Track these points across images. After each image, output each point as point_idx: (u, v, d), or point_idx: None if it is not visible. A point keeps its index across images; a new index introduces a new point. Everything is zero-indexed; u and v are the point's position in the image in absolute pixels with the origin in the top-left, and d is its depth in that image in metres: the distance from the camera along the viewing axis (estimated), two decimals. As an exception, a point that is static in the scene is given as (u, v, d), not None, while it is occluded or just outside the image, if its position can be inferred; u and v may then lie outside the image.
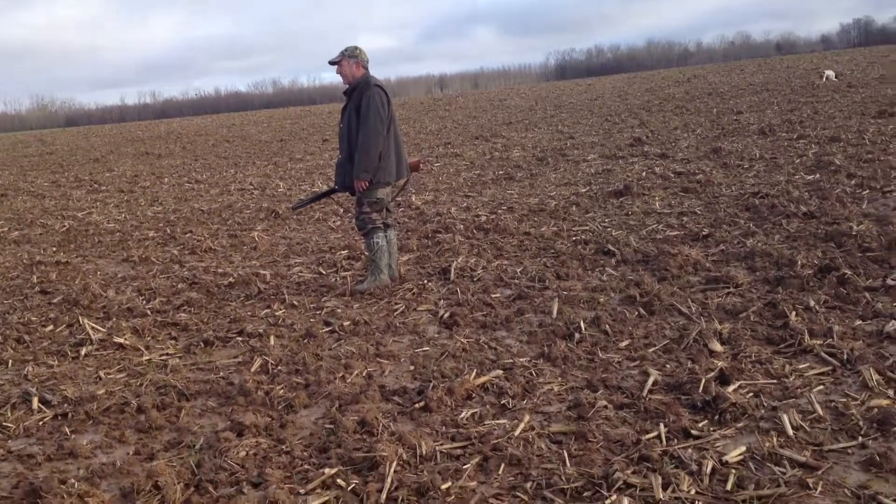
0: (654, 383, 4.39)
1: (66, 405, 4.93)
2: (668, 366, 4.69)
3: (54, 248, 10.45)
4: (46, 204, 15.52)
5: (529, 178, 13.29)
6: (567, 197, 10.81)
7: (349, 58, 6.84)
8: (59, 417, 4.79)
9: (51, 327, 6.66)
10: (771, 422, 3.84)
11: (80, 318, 6.65)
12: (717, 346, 4.83)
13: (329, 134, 29.50)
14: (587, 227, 8.70)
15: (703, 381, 4.23)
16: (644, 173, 12.07)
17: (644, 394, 4.27)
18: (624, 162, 13.94)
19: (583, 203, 10.23)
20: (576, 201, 10.35)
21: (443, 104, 45.84)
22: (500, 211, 10.28)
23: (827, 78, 29.11)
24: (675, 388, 4.31)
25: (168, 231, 11.02)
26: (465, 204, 11.16)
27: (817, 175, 10.23)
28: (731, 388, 4.15)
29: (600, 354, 4.97)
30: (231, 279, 7.85)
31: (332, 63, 6.88)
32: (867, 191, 8.91)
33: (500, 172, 14.20)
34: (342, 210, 11.37)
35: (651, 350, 4.97)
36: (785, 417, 3.79)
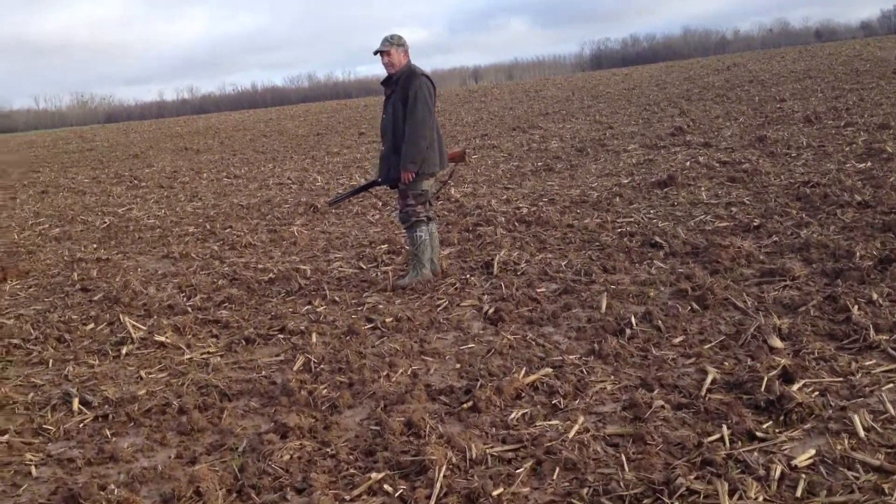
0: (713, 382, 4.19)
1: (106, 406, 4.86)
2: (726, 363, 4.49)
3: (95, 245, 10.47)
4: (87, 200, 15.63)
5: (569, 168, 13.08)
6: (609, 188, 10.58)
7: (398, 46, 6.70)
8: (100, 419, 4.73)
9: (91, 325, 6.63)
10: (840, 423, 3.64)
11: (120, 316, 6.62)
12: (778, 343, 4.62)
13: (365, 127, 29.45)
14: (632, 219, 8.49)
15: (766, 379, 4.03)
16: (688, 163, 11.79)
17: (703, 393, 4.08)
18: (666, 152, 13.65)
19: (626, 194, 10.00)
20: (619, 192, 10.12)
21: (478, 95, 45.57)
22: (541, 203, 10.09)
23: None
24: (736, 387, 4.11)
25: (208, 227, 11.00)
26: (504, 196, 10.99)
27: (869, 163, 9.89)
28: (795, 387, 3.94)
29: (654, 351, 4.79)
30: (271, 275, 7.77)
31: (378, 52, 6.71)
32: (924, 179, 8.58)
33: (539, 164, 13.99)
34: (381, 203, 11.27)
35: (707, 346, 4.78)
36: (856, 418, 3.58)
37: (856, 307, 4.98)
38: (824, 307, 5.16)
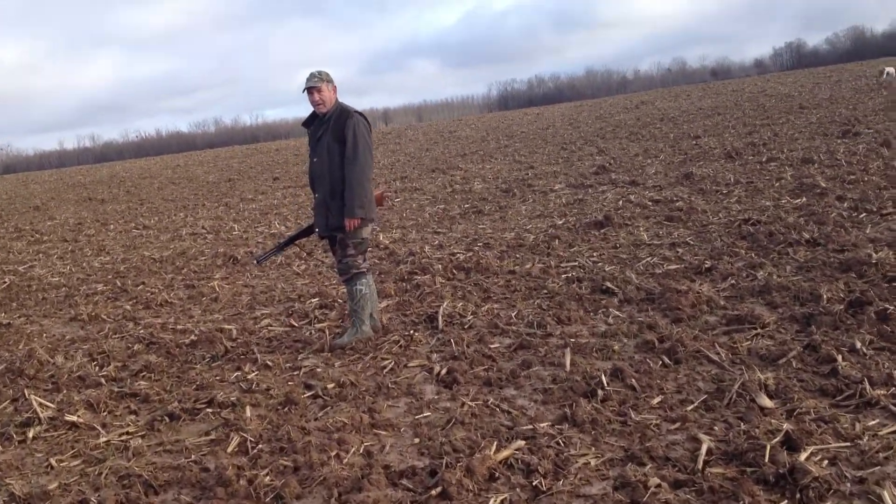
0: (709, 452, 3.77)
1: (12, 505, 4.15)
2: (716, 428, 4.09)
3: (-8, 308, 9.52)
4: (-17, 257, 14.47)
5: (499, 210, 12.76)
6: (545, 230, 10.26)
7: (327, 83, 6.18)
8: (3, 523, 4.01)
9: (-9, 404, 5.82)
10: (865, 499, 3.26)
11: (25, 392, 5.83)
12: (767, 401, 4.25)
13: (279, 171, 28.73)
14: (576, 263, 8.14)
15: (769, 448, 3.64)
16: (620, 202, 11.61)
17: (700, 467, 3.66)
18: (594, 191, 13.50)
19: (563, 236, 9.68)
20: (555, 234, 9.80)
21: (392, 137, 45.33)
22: (476, 247, 9.68)
23: (888, 74, 31.26)
24: (736, 458, 3.70)
25: (118, 283, 10.17)
26: (436, 241, 10.55)
27: (804, 199, 9.86)
28: (803, 457, 3.55)
29: (633, 415, 4.35)
30: (193, 337, 7.08)
31: (308, 89, 6.17)
32: (864, 214, 8.54)
33: (467, 206, 13.64)
34: (305, 253, 10.66)
35: (690, 408, 4.37)
36: (885, 494, 3.20)
37: (840, 357, 4.67)
38: (805, 358, 4.84)
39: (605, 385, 4.76)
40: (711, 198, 11.02)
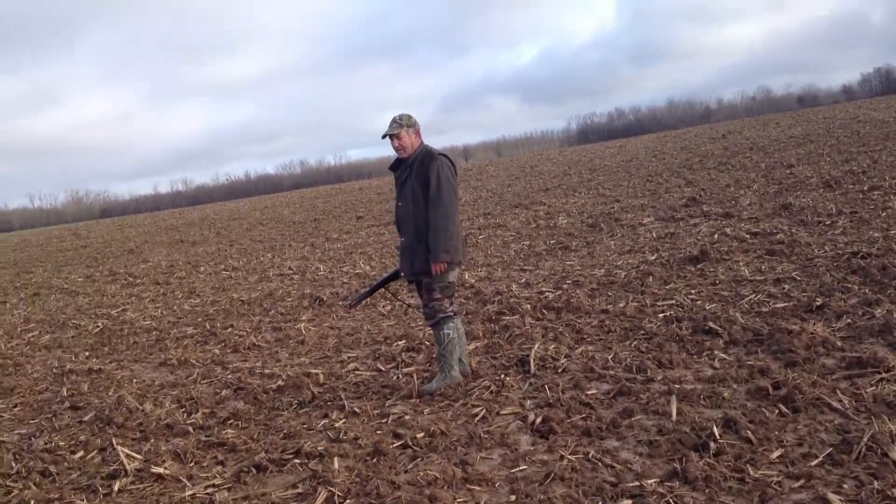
0: (842, 515, 3.39)
1: (95, 563, 4.03)
2: (845, 486, 3.69)
3: (87, 353, 9.66)
4: (80, 302, 14.85)
5: (586, 245, 12.41)
6: (636, 266, 9.87)
7: (407, 127, 6.05)
8: (88, 581, 3.89)
9: (80, 454, 5.78)
10: None
11: (113, 441, 5.79)
12: (902, 456, 3.82)
13: (362, 211, 28.95)
14: (673, 301, 7.74)
15: (912, 511, 3.23)
16: (715, 235, 11.12)
17: (834, 532, 3.28)
18: (685, 223, 13.02)
19: (657, 272, 9.28)
20: (648, 271, 9.40)
21: (473, 174, 45.30)
22: (565, 286, 9.36)
23: None
24: (873, 522, 3.31)
25: (207, 327, 10.21)
26: (523, 279, 10.27)
27: (916, 228, 9.24)
28: (955, 522, 3.14)
29: (751, 471, 3.97)
30: (280, 382, 6.97)
31: (387, 136, 6.09)
32: None
33: (552, 241, 13.34)
34: (390, 294, 10.50)
35: (814, 463, 3.97)
36: None
37: (983, 405, 4.21)
38: (941, 406, 4.39)
39: (718, 437, 4.38)
40: (814, 229, 10.44)
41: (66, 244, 37.32)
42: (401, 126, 6.03)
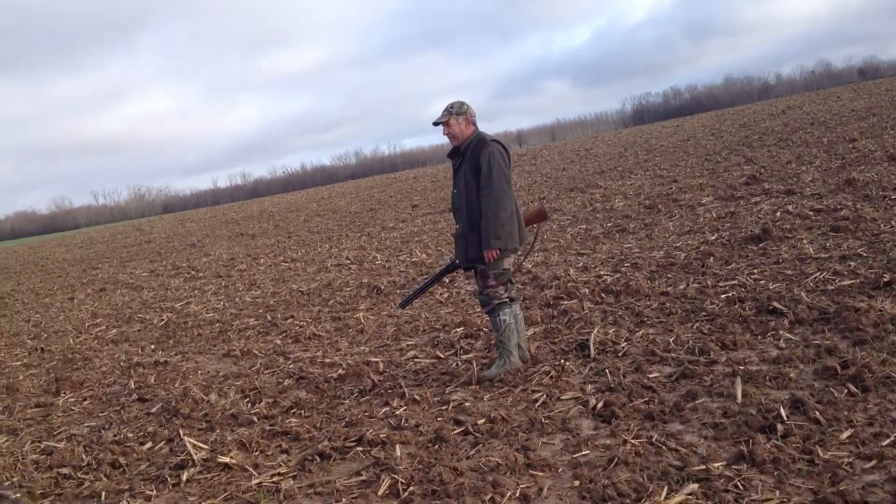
0: (917, 496, 3.29)
1: (167, 551, 4.13)
2: (920, 466, 3.58)
3: (153, 346, 9.90)
4: (145, 296, 15.22)
5: (644, 228, 12.24)
6: (696, 247, 9.71)
7: (457, 115, 6.05)
8: (160, 568, 3.99)
9: (149, 444, 5.93)
10: None
11: (180, 432, 5.93)
12: (980, 435, 3.70)
13: (417, 199, 29.02)
14: (735, 282, 7.59)
15: None
16: (777, 213, 10.86)
17: (909, 514, 3.18)
18: (745, 202, 12.74)
19: (718, 253, 9.11)
20: (709, 251, 9.23)
21: (528, 158, 45.03)
22: (623, 268, 9.26)
23: None
24: (951, 503, 3.20)
25: (269, 318, 10.37)
26: (580, 263, 10.18)
27: None
28: None
29: (820, 453, 3.88)
30: (341, 370, 7.05)
31: (437, 123, 6.10)
32: None
33: (609, 224, 13.20)
34: (448, 280, 10.54)
35: (886, 443, 3.86)
36: None
37: None
38: None
39: (785, 418, 4.29)
40: (880, 204, 10.13)
41: (130, 240, 38.24)
42: (450, 114, 6.04)
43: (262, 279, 14.64)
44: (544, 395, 5.49)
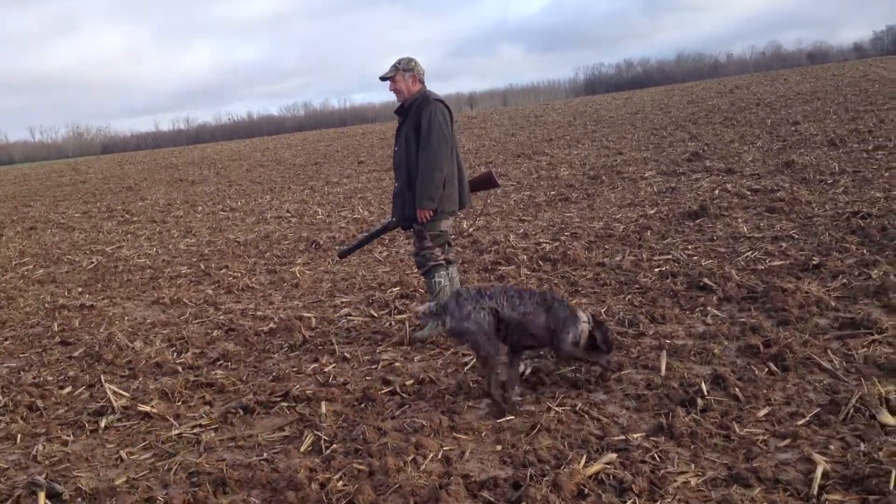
0: (825, 476, 3.37)
1: (79, 500, 4.05)
2: (831, 447, 3.67)
3: (80, 289, 9.64)
4: (76, 237, 14.80)
5: (586, 198, 12.31)
6: (635, 220, 9.80)
7: (404, 71, 5.95)
8: (70, 516, 3.91)
9: (69, 389, 5.80)
10: None
11: (101, 378, 5.80)
12: (889, 418, 3.81)
13: (364, 156, 28.73)
14: (670, 256, 7.69)
15: (894, 473, 3.22)
16: (716, 191, 11.02)
17: (815, 492, 3.26)
18: (686, 178, 12.90)
19: (655, 227, 9.21)
20: (647, 225, 9.33)
21: (478, 122, 44.89)
22: (563, 237, 9.31)
23: None
24: (856, 484, 3.29)
25: (202, 267, 10.18)
26: (521, 230, 10.21)
27: (919, 190, 9.13)
28: (937, 487, 3.13)
29: (737, 429, 3.96)
30: (272, 324, 6.96)
31: (384, 78, 6.00)
32: None
33: (553, 193, 13.24)
34: (387, 239, 10.46)
35: (801, 423, 3.95)
36: None
37: (974, 370, 4.18)
38: (932, 369, 4.35)
39: (706, 393, 4.37)
40: (815, 188, 10.34)
41: (65, 179, 37.17)
42: (397, 70, 5.95)
43: (199, 227, 14.36)
44: (474, 360, 5.49)
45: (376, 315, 7.00)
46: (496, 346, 4.69)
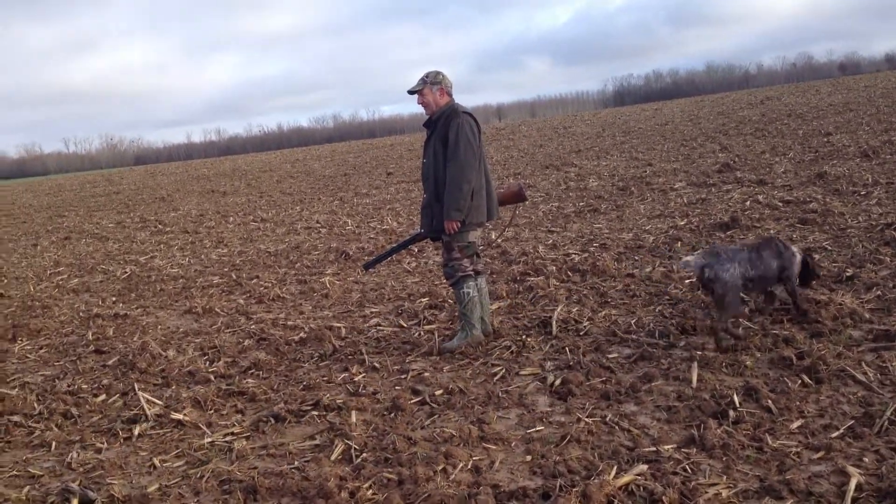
0: (859, 488, 3.34)
1: (112, 505, 4.10)
2: (865, 459, 3.63)
3: (114, 298, 9.78)
4: (109, 247, 15.02)
5: (615, 209, 12.27)
6: (665, 231, 9.75)
7: (432, 84, 5.99)
8: (105, 524, 3.96)
9: (103, 397, 5.88)
10: None
11: (135, 386, 5.88)
12: (925, 432, 3.76)
13: (392, 167, 28.87)
14: (700, 268, 7.63)
15: (932, 488, 3.18)
16: (747, 202, 10.93)
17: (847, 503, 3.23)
18: (717, 190, 12.81)
19: (686, 238, 9.16)
20: (677, 236, 9.28)
21: (506, 133, 44.94)
22: (592, 248, 9.28)
23: None
24: (890, 496, 3.25)
25: (234, 277, 10.28)
26: (550, 241, 10.20)
27: (955, 202, 9.00)
28: (976, 502, 3.08)
29: (769, 441, 3.93)
30: (302, 334, 7.01)
31: (412, 92, 6.05)
32: None
33: (582, 204, 13.21)
34: (416, 249, 10.50)
35: (835, 435, 3.91)
36: None
37: None
38: (969, 383, 4.29)
39: (738, 405, 4.34)
40: (848, 199, 10.23)
41: (99, 189, 37.72)
42: (424, 83, 6.00)
43: (230, 237, 14.51)
44: (503, 370, 5.50)
45: (405, 325, 7.03)
46: (738, 302, 5.44)
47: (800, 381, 4.61)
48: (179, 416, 5.22)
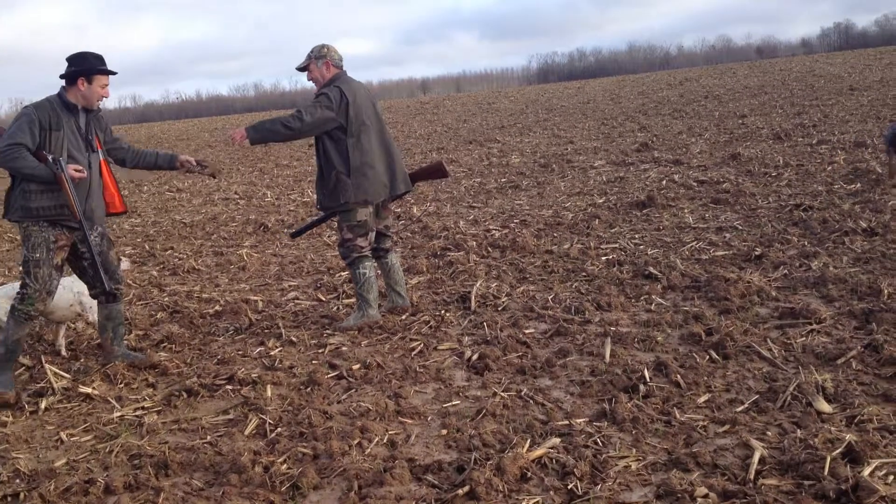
0: (762, 461, 3.46)
1: (17, 481, 3.97)
2: (769, 433, 3.76)
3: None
4: (16, 215, 14.39)
5: (536, 186, 12.39)
6: (584, 208, 9.90)
7: (317, 59, 5.90)
8: (9, 499, 3.82)
9: (6, 370, 5.65)
10: (941, 526, 2.93)
11: (42, 359, 5.67)
12: (825, 406, 3.92)
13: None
14: (617, 245, 7.79)
15: (829, 460, 3.31)
16: (663, 182, 11.18)
17: (752, 476, 3.35)
18: (635, 169, 13.07)
19: (603, 216, 9.31)
20: (595, 213, 9.43)
21: (430, 107, 44.81)
22: (512, 224, 9.36)
23: None
24: (792, 469, 3.38)
25: (147, 247, 10.01)
26: (471, 216, 10.24)
27: (858, 185, 9.38)
28: (867, 472, 3.23)
29: (677, 415, 4.04)
30: (218, 307, 6.89)
31: (300, 69, 5.95)
32: (925, 203, 8.06)
33: (503, 180, 13.29)
34: (333, 222, 10.38)
35: (740, 409, 4.04)
36: (966, 524, 2.87)
37: (905, 360, 4.31)
38: (866, 358, 4.47)
39: (648, 380, 4.44)
40: (760, 180, 10.55)
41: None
42: (310, 59, 5.93)
43: (144, 207, 14.11)
44: (421, 345, 5.50)
45: (324, 299, 6.97)
46: None
47: (708, 357, 4.75)
48: (88, 390, 5.07)
